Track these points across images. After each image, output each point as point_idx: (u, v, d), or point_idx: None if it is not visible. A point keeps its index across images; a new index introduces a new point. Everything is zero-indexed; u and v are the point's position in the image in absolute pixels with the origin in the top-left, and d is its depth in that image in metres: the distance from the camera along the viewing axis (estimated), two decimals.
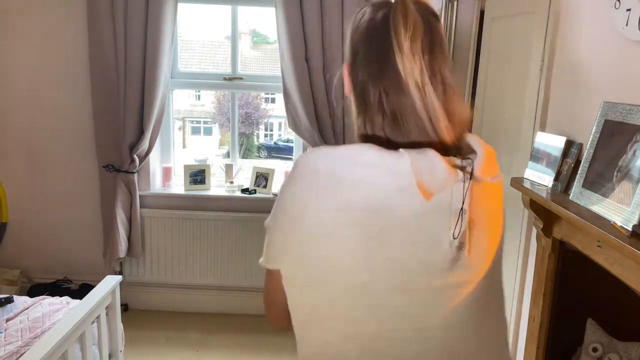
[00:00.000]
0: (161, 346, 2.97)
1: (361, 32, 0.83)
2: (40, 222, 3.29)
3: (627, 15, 1.35)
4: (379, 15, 0.81)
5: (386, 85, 0.79)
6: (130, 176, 3.09)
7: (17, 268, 3.25)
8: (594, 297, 1.67)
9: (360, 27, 0.84)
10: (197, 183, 3.30)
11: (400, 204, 0.76)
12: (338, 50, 2.91)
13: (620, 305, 1.60)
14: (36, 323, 2.17)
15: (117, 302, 2.28)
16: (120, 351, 2.35)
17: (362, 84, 0.83)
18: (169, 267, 3.28)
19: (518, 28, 2.09)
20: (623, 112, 1.34)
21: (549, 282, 1.74)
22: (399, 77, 0.77)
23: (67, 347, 1.83)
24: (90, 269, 3.27)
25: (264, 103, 7.53)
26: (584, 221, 1.31)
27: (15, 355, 1.91)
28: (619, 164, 1.30)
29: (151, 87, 2.96)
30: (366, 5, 0.85)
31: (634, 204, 1.18)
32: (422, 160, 0.76)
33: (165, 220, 3.22)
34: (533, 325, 1.83)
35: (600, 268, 1.39)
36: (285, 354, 2.95)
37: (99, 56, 2.98)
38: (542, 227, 1.70)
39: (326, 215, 0.77)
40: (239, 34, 3.32)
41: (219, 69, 5.12)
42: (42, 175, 3.24)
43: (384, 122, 0.80)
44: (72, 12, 3.02)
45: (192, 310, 3.34)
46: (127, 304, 3.26)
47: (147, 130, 3.01)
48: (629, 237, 1.16)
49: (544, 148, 1.73)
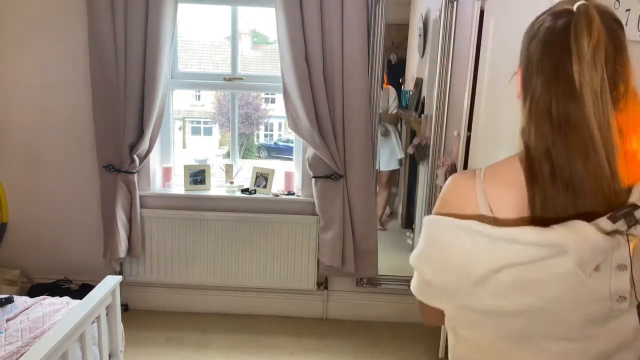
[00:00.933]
0: (161, 346, 2.97)
1: (539, 39, 0.84)
2: (40, 222, 3.29)
3: (627, 15, 1.36)
4: (560, 23, 0.80)
5: (559, 91, 0.79)
6: (130, 176, 3.09)
7: (17, 268, 3.25)
8: None
9: (538, 33, 0.84)
10: (197, 183, 3.30)
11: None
12: (338, 50, 2.91)
13: None
14: (36, 323, 2.17)
15: (117, 302, 2.28)
16: (120, 351, 2.36)
17: (534, 90, 0.83)
18: (169, 267, 3.28)
19: (518, 28, 2.09)
20: None
21: None
22: (574, 85, 0.77)
23: (67, 347, 1.84)
24: (90, 269, 3.27)
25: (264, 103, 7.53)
26: None
27: (15, 355, 1.91)
28: None
29: (151, 87, 2.96)
30: (545, 13, 0.86)
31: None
32: (574, 239, 0.76)
33: (165, 220, 3.22)
34: None
35: None
36: (285, 354, 2.95)
37: (99, 56, 2.98)
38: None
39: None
40: (239, 34, 3.32)
41: (219, 69, 5.12)
42: (42, 175, 3.24)
43: (551, 130, 0.80)
44: (72, 12, 3.02)
45: (192, 310, 3.35)
46: (127, 304, 3.26)
47: (147, 130, 3.01)
48: None
49: None
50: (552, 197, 0.79)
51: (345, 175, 3.07)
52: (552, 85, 0.80)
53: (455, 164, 2.63)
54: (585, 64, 0.75)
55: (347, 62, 2.93)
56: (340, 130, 3.00)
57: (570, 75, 0.77)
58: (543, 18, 0.85)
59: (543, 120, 0.80)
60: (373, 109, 3.06)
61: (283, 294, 3.32)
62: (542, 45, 0.83)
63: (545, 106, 0.80)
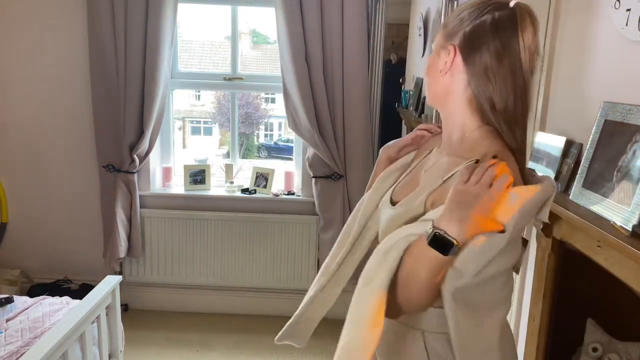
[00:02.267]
0: (161, 346, 2.97)
1: (488, 23, 0.96)
2: (40, 222, 3.29)
3: (627, 15, 1.35)
4: (505, 13, 0.96)
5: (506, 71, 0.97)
6: (130, 176, 3.09)
7: (17, 268, 3.25)
8: (594, 297, 1.67)
9: (486, 20, 0.97)
10: (197, 183, 3.30)
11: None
12: (338, 50, 2.91)
13: (620, 305, 1.59)
14: (36, 323, 2.17)
15: (117, 302, 2.28)
16: (120, 351, 2.36)
17: (480, 66, 0.97)
18: (169, 267, 3.28)
19: None
20: (623, 112, 1.34)
21: (549, 282, 1.74)
22: (519, 64, 0.96)
23: (67, 347, 1.84)
24: (90, 269, 3.27)
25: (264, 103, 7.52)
26: (584, 221, 1.31)
27: (15, 355, 1.91)
28: (618, 164, 1.30)
29: (151, 87, 2.95)
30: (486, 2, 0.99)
31: (634, 204, 1.18)
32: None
33: (165, 220, 3.22)
34: (533, 325, 1.83)
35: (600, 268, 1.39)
36: (285, 354, 2.95)
37: (99, 56, 2.98)
38: (542, 227, 1.70)
39: None
40: (239, 34, 3.32)
41: (219, 69, 5.11)
42: (42, 175, 3.24)
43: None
44: (72, 13, 3.02)
45: (192, 310, 3.34)
46: (127, 304, 3.26)
47: (147, 130, 3.01)
48: (629, 237, 1.16)
49: (544, 148, 1.73)
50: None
51: (345, 175, 3.07)
52: (500, 65, 0.97)
53: None
54: (527, 47, 0.96)
55: (347, 61, 2.93)
56: (340, 130, 3.00)
57: (517, 55, 0.96)
58: (487, 7, 0.98)
59: (506, 84, 0.97)
60: (373, 108, 3.06)
61: (283, 294, 3.32)
62: (491, 29, 0.96)
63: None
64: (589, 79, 1.61)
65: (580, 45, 1.67)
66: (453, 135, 1.06)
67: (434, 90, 1.08)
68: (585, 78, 1.63)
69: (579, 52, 1.68)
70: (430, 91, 1.09)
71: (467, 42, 0.98)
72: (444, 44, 1.02)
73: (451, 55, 0.99)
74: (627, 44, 1.39)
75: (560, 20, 1.80)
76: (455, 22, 1.01)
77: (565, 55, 1.77)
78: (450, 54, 0.99)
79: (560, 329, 1.78)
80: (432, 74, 1.06)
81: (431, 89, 1.08)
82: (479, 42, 0.96)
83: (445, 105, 1.06)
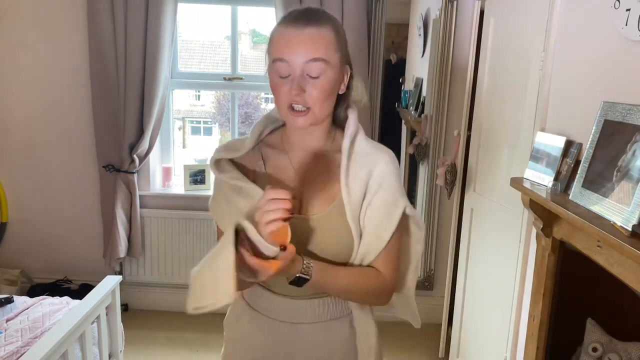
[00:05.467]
0: (161, 346, 2.97)
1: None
2: (40, 222, 3.29)
3: (627, 15, 1.35)
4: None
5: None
6: (130, 176, 3.09)
7: (17, 268, 3.25)
8: (594, 297, 1.67)
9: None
10: (197, 183, 3.30)
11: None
12: None
13: (620, 305, 1.60)
14: (36, 323, 2.17)
15: (117, 302, 2.28)
16: (120, 351, 2.36)
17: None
18: (169, 267, 3.28)
19: (518, 28, 2.09)
20: (623, 112, 1.34)
21: (549, 282, 1.74)
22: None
23: (67, 347, 1.84)
24: (90, 269, 3.27)
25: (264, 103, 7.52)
26: (584, 221, 1.31)
27: (15, 355, 1.91)
28: (618, 164, 1.30)
29: (151, 87, 2.96)
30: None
31: (633, 204, 1.18)
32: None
33: (165, 220, 3.22)
34: (533, 325, 1.83)
35: (600, 268, 1.39)
36: None
37: (99, 56, 2.98)
38: (542, 227, 1.70)
39: None
40: (239, 34, 3.32)
41: (219, 69, 5.11)
42: (42, 175, 3.24)
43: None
44: (72, 12, 3.02)
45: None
46: (127, 304, 3.26)
47: (147, 130, 3.01)
48: (629, 237, 1.16)
49: (544, 148, 1.73)
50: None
51: None
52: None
53: (455, 163, 2.63)
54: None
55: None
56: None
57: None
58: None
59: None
60: (373, 108, 3.06)
61: None
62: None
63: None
64: (589, 79, 1.61)
65: (581, 45, 1.67)
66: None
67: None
68: (585, 78, 1.63)
69: (579, 52, 1.68)
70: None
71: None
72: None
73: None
74: (627, 44, 1.39)
75: (560, 20, 1.80)
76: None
77: (565, 55, 1.77)
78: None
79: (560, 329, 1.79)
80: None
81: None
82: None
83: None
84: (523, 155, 1.96)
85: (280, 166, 1.14)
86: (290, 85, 1.01)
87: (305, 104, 1.03)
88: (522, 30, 2.05)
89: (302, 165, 1.13)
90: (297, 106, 1.03)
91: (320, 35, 1.03)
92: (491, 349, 2.28)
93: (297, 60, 1.01)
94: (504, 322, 2.16)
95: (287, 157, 1.14)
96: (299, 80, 1.01)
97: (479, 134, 2.43)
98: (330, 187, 1.11)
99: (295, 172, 1.13)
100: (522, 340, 2.01)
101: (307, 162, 1.13)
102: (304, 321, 1.15)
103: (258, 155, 1.16)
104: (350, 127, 1.13)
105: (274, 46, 1.04)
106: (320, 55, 1.01)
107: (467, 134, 2.59)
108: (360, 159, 1.12)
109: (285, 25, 1.03)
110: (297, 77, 1.01)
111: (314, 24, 1.02)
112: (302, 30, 1.01)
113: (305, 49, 1.01)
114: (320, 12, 1.08)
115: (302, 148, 1.14)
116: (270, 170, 1.14)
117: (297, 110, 1.03)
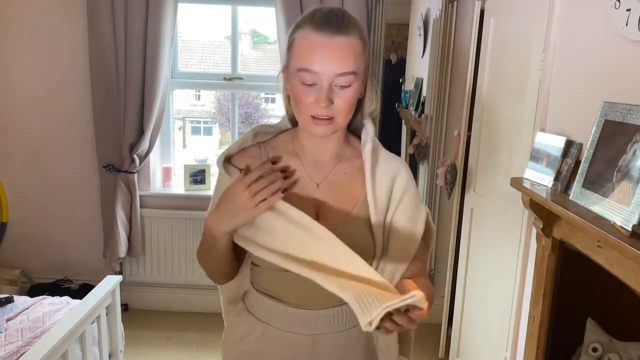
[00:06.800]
0: (161, 346, 2.97)
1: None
2: (40, 222, 3.29)
3: (627, 15, 1.35)
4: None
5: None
6: (130, 176, 3.09)
7: (17, 268, 3.25)
8: (594, 297, 1.67)
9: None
10: (197, 183, 3.31)
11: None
12: None
13: (620, 305, 1.60)
14: (36, 323, 2.17)
15: (117, 302, 2.28)
16: (120, 351, 2.36)
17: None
18: (169, 267, 3.28)
19: (518, 28, 2.09)
20: (623, 112, 1.34)
21: (549, 282, 1.74)
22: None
23: (67, 347, 1.84)
24: (90, 269, 3.27)
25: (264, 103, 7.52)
26: (584, 221, 1.31)
27: (15, 355, 1.91)
28: (618, 164, 1.30)
29: (151, 87, 2.96)
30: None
31: (633, 204, 1.18)
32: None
33: (165, 220, 3.22)
34: (533, 325, 1.83)
35: (600, 268, 1.39)
36: None
37: (99, 56, 2.98)
38: (542, 227, 1.70)
39: None
40: (239, 34, 3.32)
41: (219, 69, 5.12)
42: (42, 175, 3.24)
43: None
44: (72, 13, 3.02)
45: (192, 310, 3.34)
46: (127, 304, 3.26)
47: (147, 130, 3.01)
48: (629, 237, 1.16)
49: (544, 148, 1.73)
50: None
51: None
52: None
53: (455, 163, 2.63)
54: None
55: None
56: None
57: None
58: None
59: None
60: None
61: None
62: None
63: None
64: (589, 79, 1.61)
65: (581, 46, 1.67)
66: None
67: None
68: (585, 78, 1.63)
69: (579, 52, 1.68)
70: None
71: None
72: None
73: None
74: (627, 44, 1.39)
75: (560, 20, 1.80)
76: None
77: (565, 55, 1.77)
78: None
79: (560, 329, 1.79)
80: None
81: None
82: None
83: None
84: (523, 155, 1.96)
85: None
86: (317, 97, 0.96)
87: (330, 115, 0.98)
88: (522, 30, 2.05)
89: (316, 171, 1.09)
90: (321, 115, 0.99)
91: (349, 45, 0.96)
92: (491, 349, 2.28)
93: (326, 73, 0.95)
94: (503, 322, 2.16)
95: (299, 161, 1.10)
96: (328, 93, 0.96)
97: (479, 134, 2.43)
98: (350, 193, 1.08)
99: (310, 177, 1.09)
100: (522, 340, 2.01)
101: (324, 167, 1.10)
102: (324, 332, 1.11)
103: (265, 158, 1.11)
104: (369, 132, 1.09)
105: (299, 52, 0.98)
106: (350, 68, 0.96)
107: (467, 134, 2.59)
108: (383, 165, 1.09)
109: (311, 29, 0.96)
110: (325, 89, 0.96)
111: (343, 32, 0.96)
112: (330, 38, 0.95)
113: (335, 61, 0.95)
114: (347, 17, 0.99)
115: (317, 153, 1.10)
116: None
117: (320, 118, 0.99)
